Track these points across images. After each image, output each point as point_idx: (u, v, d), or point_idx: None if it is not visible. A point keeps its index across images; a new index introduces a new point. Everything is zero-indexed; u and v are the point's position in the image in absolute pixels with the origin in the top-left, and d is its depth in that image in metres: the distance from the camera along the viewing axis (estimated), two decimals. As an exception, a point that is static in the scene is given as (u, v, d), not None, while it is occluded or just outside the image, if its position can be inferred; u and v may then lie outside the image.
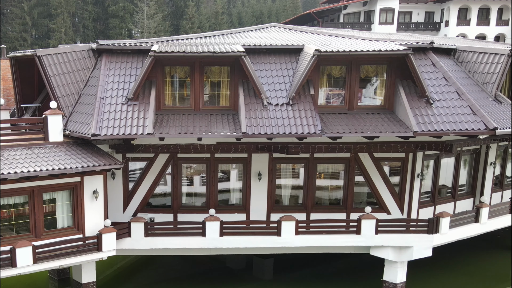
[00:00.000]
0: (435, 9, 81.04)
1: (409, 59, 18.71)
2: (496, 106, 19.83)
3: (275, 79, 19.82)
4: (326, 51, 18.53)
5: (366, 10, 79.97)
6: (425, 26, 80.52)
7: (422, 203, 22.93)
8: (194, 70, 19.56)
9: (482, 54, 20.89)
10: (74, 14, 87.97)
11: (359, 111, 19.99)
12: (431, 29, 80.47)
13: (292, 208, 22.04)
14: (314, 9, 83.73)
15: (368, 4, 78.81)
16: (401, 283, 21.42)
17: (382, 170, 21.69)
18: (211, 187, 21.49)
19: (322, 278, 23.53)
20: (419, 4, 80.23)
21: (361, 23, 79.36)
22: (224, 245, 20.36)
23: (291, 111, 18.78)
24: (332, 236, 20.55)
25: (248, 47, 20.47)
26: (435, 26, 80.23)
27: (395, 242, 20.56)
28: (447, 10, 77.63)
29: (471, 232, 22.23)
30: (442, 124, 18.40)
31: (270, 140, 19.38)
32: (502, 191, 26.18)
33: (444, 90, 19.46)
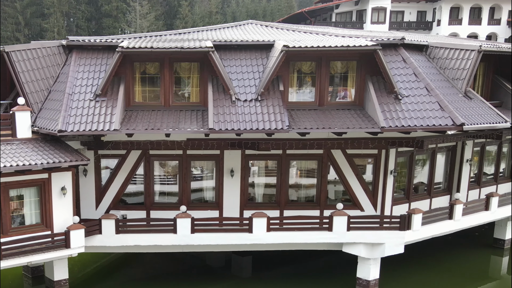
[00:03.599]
0: (427, 8, 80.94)
1: (377, 55, 18.67)
2: (466, 102, 19.78)
3: (245, 75, 19.78)
4: (294, 46, 18.48)
5: (358, 9, 79.90)
6: (417, 25, 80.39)
7: (396, 199, 22.87)
8: (164, 66, 19.51)
9: (453, 50, 20.84)
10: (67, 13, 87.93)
11: (330, 107, 19.93)
12: (423, 28, 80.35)
13: (266, 205, 21.99)
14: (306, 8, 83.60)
15: (360, 3, 78.75)
16: (374, 280, 21.34)
17: (355, 167, 21.65)
18: (184, 184, 21.44)
19: (301, 276, 23.44)
20: (411, 3, 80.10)
21: (353, 22, 79.27)
22: (195, 242, 20.29)
23: (259, 107, 18.73)
24: (304, 233, 20.47)
25: (219, 43, 20.46)
26: (427, 25, 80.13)
27: (367, 238, 20.48)
28: (439, 9, 77.60)
29: (445, 229, 22.17)
30: (410, 120, 18.35)
31: (239, 136, 19.32)
32: (480, 188, 26.11)
33: (414, 86, 19.41)
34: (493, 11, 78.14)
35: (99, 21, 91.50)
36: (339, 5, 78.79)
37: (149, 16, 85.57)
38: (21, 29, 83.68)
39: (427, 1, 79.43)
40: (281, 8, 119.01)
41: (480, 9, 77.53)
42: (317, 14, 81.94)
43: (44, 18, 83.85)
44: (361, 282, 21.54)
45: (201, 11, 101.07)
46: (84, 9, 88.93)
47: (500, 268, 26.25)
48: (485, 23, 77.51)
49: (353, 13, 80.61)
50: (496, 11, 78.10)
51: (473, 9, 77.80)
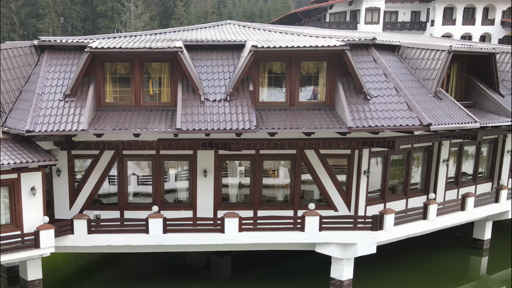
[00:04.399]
0: (421, 9, 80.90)
1: (345, 55, 18.70)
2: (436, 102, 19.79)
3: (216, 75, 19.81)
4: (262, 47, 18.52)
5: (352, 9, 79.89)
6: (411, 26, 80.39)
7: (371, 200, 22.89)
8: (134, 66, 19.55)
9: (424, 50, 20.84)
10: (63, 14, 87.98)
11: (300, 107, 19.96)
12: (417, 28, 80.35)
13: (239, 205, 22.03)
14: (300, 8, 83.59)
15: (354, 3, 78.74)
16: (347, 280, 21.33)
17: (328, 167, 21.67)
18: (157, 184, 21.47)
19: (279, 276, 23.46)
20: (405, 3, 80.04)
21: (347, 22, 79.29)
22: (167, 242, 20.30)
23: (228, 107, 18.75)
24: (276, 233, 20.48)
25: (190, 43, 20.52)
26: (421, 25, 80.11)
27: (339, 239, 20.48)
28: (433, 9, 77.54)
29: (419, 229, 22.14)
30: (378, 120, 18.36)
31: (208, 136, 19.35)
32: (458, 188, 26.11)
33: (383, 86, 19.43)
34: (487, 11, 78.03)
35: (94, 21, 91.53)
36: (333, 5, 78.73)
37: (144, 17, 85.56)
38: (16, 30, 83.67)
39: (421, 1, 79.33)
40: (278, 9, 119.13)
41: (474, 9, 77.43)
42: (311, 14, 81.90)
43: (39, 19, 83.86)
44: (334, 282, 21.54)
45: (197, 11, 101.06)
46: (79, 10, 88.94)
47: (479, 268, 26.27)
48: (479, 23, 77.40)
49: (347, 13, 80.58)
50: (490, 11, 77.99)
51: (466, 9, 77.71)
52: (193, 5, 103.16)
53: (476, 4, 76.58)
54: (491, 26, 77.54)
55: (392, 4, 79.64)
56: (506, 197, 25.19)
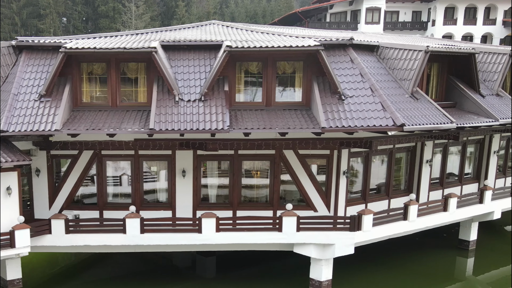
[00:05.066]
0: (422, 9, 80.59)
1: (320, 55, 18.66)
2: (412, 103, 19.69)
3: (192, 75, 19.82)
4: (237, 47, 18.51)
5: (353, 9, 79.68)
6: (412, 26, 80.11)
7: (352, 200, 22.82)
8: (110, 66, 19.59)
9: (401, 50, 20.75)
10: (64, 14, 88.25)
11: (277, 108, 19.92)
12: (418, 28, 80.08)
13: (219, 205, 22.00)
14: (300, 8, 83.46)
15: (354, 3, 78.55)
16: (326, 281, 21.26)
17: (307, 167, 21.61)
18: (136, 184, 21.48)
19: (262, 277, 23.43)
20: (406, 3, 79.75)
21: (347, 22, 79.12)
22: (145, 242, 20.31)
23: (202, 107, 18.74)
24: (254, 233, 20.44)
25: (167, 44, 20.54)
26: (422, 25, 79.82)
27: (317, 239, 20.41)
28: (434, 9, 77.24)
29: (399, 230, 22.00)
30: (351, 120, 18.29)
31: (183, 136, 19.36)
32: (443, 189, 26.00)
33: (358, 87, 19.37)
34: (488, 11, 77.65)
35: (96, 21, 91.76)
36: (333, 5, 78.57)
37: (145, 17, 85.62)
38: (17, 30, 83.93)
39: (422, 1, 79.03)
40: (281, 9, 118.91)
41: (475, 9, 77.06)
42: (312, 14, 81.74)
43: (41, 19, 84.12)
44: (313, 283, 21.47)
45: (198, 11, 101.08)
46: (80, 10, 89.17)
47: (465, 269, 26.13)
48: (480, 23, 77.02)
49: (348, 13, 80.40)
50: (492, 11, 77.61)
51: (468, 9, 77.35)
52: (195, 5, 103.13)
53: (478, 4, 76.22)
54: (493, 26, 77.13)
55: (393, 4, 79.36)
56: (490, 198, 24.93)
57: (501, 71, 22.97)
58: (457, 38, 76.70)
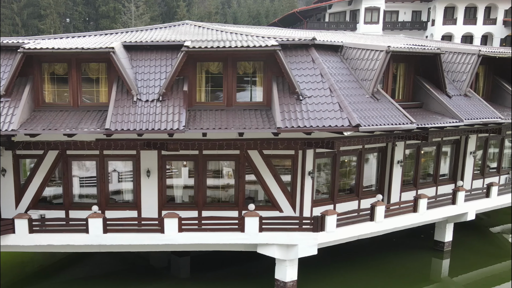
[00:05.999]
0: (422, 8, 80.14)
1: (277, 55, 18.61)
2: (372, 103, 19.56)
3: (152, 76, 19.83)
4: (194, 47, 18.49)
5: (352, 9, 79.43)
6: (411, 26, 79.69)
7: (319, 201, 22.74)
8: (71, 67, 19.63)
9: (364, 50, 20.61)
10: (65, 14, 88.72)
11: (238, 108, 19.88)
12: (418, 28, 79.67)
13: (184, 205, 22.01)
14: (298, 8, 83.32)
15: (353, 3, 78.30)
16: (291, 282, 21.17)
17: (272, 168, 21.55)
18: (101, 184, 21.52)
19: (237, 277, 23.40)
20: (406, 3, 79.37)
21: (347, 22, 78.91)
22: (108, 242, 20.31)
23: (159, 107, 18.74)
24: (216, 233, 20.39)
25: (129, 44, 20.56)
26: (421, 25, 79.36)
27: (279, 240, 20.33)
28: (433, 9, 76.79)
29: (365, 230, 21.85)
30: (307, 120, 18.20)
31: (141, 136, 19.37)
32: (417, 190, 25.84)
33: (318, 87, 19.28)
34: (489, 11, 77.09)
35: (97, 22, 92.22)
36: (332, 5, 78.35)
37: (145, 17, 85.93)
38: (18, 30, 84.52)
39: (422, 0, 78.59)
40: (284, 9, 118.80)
41: (475, 8, 76.54)
42: (310, 14, 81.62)
43: (41, 19, 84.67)
44: (278, 284, 21.40)
45: (200, 12, 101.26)
46: (81, 10, 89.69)
47: (441, 270, 25.92)
48: (480, 22, 76.47)
49: (347, 13, 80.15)
50: (492, 10, 77.05)
51: (468, 9, 76.84)
52: (196, 5, 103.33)
53: (478, 4, 75.69)
54: (493, 25, 76.56)
55: (393, 4, 79.00)
56: (463, 199, 24.73)
57: (469, 71, 22.75)
58: (457, 38, 76.34)
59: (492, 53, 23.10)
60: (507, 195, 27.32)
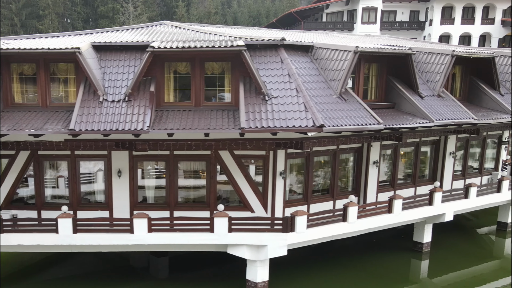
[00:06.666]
0: (420, 8, 79.94)
1: (243, 55, 18.56)
2: (339, 104, 19.47)
3: (120, 76, 19.83)
4: (159, 47, 18.48)
5: (349, 9, 79.28)
6: (409, 26, 79.52)
7: (293, 201, 22.69)
8: (39, 67, 19.65)
9: (333, 51, 20.52)
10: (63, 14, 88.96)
11: (206, 108, 19.86)
12: (416, 28, 79.50)
13: (156, 205, 22.00)
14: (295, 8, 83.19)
15: (351, 3, 78.17)
16: (262, 282, 21.10)
17: (243, 168, 21.52)
18: (73, 184, 21.55)
19: (217, 277, 23.35)
20: (403, 3, 79.20)
21: (344, 22, 78.81)
22: (77, 242, 20.29)
23: (125, 108, 18.73)
24: (187, 234, 20.35)
25: (98, 44, 20.55)
26: (419, 25, 79.17)
27: (249, 240, 20.26)
28: (431, 9, 76.57)
29: (337, 231, 21.75)
30: (272, 121, 18.13)
31: (107, 137, 19.38)
32: (394, 190, 25.74)
33: (285, 87, 19.22)
34: (487, 11, 76.81)
35: (95, 22, 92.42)
36: (329, 5, 78.23)
37: (143, 17, 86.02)
38: (17, 31, 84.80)
39: (420, 0, 78.32)
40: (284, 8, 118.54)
41: (473, 8, 76.30)
42: (308, 14, 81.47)
43: (40, 20, 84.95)
44: (250, 284, 21.33)
45: (199, 12, 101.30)
46: (79, 11, 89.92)
47: (419, 271, 25.81)
48: (478, 22, 76.24)
49: (344, 13, 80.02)
50: (490, 10, 76.78)
51: (466, 9, 76.61)
52: (195, 5, 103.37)
53: (476, 3, 75.42)
54: (491, 25, 76.30)
55: (390, 4, 78.85)
56: (440, 199, 24.59)
57: (443, 71, 22.59)
58: (454, 38, 76.10)
59: (466, 54, 22.94)
60: (487, 196, 27.11)
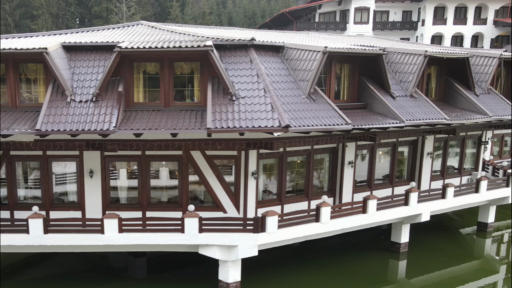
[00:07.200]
0: (412, 8, 79.94)
1: (210, 55, 18.56)
2: (308, 104, 19.45)
3: (89, 76, 19.83)
4: (126, 47, 18.48)
5: (342, 9, 79.31)
6: (402, 26, 79.49)
7: (267, 201, 22.69)
8: (8, 67, 19.65)
9: (303, 51, 20.51)
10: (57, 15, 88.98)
11: (175, 108, 19.86)
12: (408, 28, 79.49)
13: (128, 206, 21.99)
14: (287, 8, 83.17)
15: (343, 3, 78.17)
16: (234, 283, 21.07)
17: (215, 168, 21.50)
18: (45, 185, 21.54)
19: (195, 278, 23.21)
20: (396, 3, 79.16)
21: (336, 22, 78.81)
22: (48, 243, 20.27)
23: (92, 108, 18.73)
24: (158, 234, 20.33)
25: (69, 44, 20.55)
26: (412, 25, 79.14)
27: (219, 241, 20.22)
28: (423, 9, 76.54)
29: (310, 232, 21.68)
30: (238, 121, 18.12)
31: (75, 137, 19.38)
32: (371, 190, 25.73)
33: (253, 87, 19.22)
34: (479, 11, 76.78)
35: (90, 22, 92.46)
36: (322, 5, 78.21)
37: (136, 17, 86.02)
38: (10, 31, 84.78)
39: (412, 0, 78.31)
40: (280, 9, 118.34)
41: (466, 8, 76.25)
42: (300, 15, 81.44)
43: (33, 20, 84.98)
44: (222, 285, 21.31)
45: (193, 12, 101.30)
46: (73, 11, 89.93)
47: (397, 272, 25.79)
48: (470, 22, 76.18)
49: (337, 13, 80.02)
50: (483, 10, 76.76)
51: (458, 9, 76.55)
52: (189, 5, 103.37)
53: (468, 4, 75.37)
54: (483, 25, 76.26)
55: (383, 4, 78.82)
56: (416, 200, 24.56)
57: (415, 72, 22.56)
58: (447, 38, 76.06)
59: (439, 54, 22.90)
60: (465, 196, 27.07)
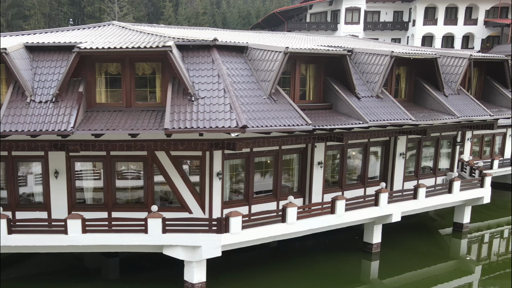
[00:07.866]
0: (403, 8, 79.83)
1: (169, 56, 18.54)
2: (268, 104, 19.43)
3: (50, 77, 19.82)
4: (85, 48, 18.46)
5: (333, 9, 79.24)
6: (393, 26, 79.34)
7: (234, 202, 22.68)
8: (-31, 67, 19.66)
9: (264, 52, 20.49)
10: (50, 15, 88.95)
11: (137, 109, 19.86)
12: (399, 28, 79.37)
13: (94, 206, 21.95)
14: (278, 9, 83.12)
15: (334, 3, 78.11)
16: (199, 283, 21.05)
17: (180, 169, 21.48)
18: (11, 185, 21.52)
19: (164, 279, 23.21)
20: (387, 3, 79.03)
21: (327, 23, 78.73)
22: (12, 243, 20.26)
23: (52, 108, 18.72)
24: (121, 235, 20.31)
25: (31, 45, 20.54)
26: (403, 25, 79.04)
27: (183, 241, 20.20)
28: (414, 9, 76.46)
29: (275, 232, 21.66)
30: (196, 121, 18.11)
31: (34, 137, 19.36)
32: (343, 191, 25.71)
33: (213, 88, 19.21)
34: (470, 11, 76.68)
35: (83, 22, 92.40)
36: (313, 5, 78.17)
37: (128, 17, 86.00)
38: (3, 31, 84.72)
39: (403, 1, 78.24)
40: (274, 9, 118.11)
41: (456, 9, 76.15)
42: (291, 15, 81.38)
43: (26, 20, 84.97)
44: (187, 285, 21.29)
45: (187, 12, 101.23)
46: (66, 11, 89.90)
47: (370, 272, 25.78)
48: (461, 23, 76.08)
49: (328, 13, 79.96)
50: (473, 11, 76.63)
51: (449, 9, 76.47)
52: (183, 5, 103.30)
53: (459, 4, 75.30)
54: (474, 26, 76.15)
55: (374, 4, 78.68)
56: (387, 200, 24.54)
57: (381, 72, 22.53)
58: (438, 39, 76.02)
59: (405, 55, 22.87)
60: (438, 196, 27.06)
